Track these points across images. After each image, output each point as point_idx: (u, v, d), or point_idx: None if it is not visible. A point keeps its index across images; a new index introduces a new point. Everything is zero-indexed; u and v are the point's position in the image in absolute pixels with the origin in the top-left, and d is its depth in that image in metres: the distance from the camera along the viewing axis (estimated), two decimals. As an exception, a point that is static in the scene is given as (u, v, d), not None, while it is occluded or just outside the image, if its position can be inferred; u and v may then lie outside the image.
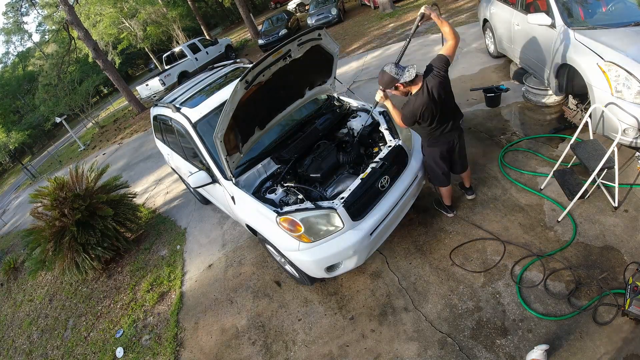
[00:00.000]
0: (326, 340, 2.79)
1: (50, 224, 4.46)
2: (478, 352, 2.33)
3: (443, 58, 2.52)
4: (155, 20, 20.50)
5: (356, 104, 3.70)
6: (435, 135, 2.80)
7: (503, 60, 5.59)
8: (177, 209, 5.60)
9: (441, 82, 2.52)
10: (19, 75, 29.21)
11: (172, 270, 4.29)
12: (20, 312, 5.23)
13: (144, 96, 13.83)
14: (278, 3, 28.55)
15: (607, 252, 2.61)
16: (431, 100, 2.53)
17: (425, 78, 2.54)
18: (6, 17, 21.31)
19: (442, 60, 2.52)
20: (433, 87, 2.51)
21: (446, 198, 3.26)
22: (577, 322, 2.28)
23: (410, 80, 2.49)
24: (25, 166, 15.41)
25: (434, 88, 2.51)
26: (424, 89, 2.52)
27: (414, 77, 2.48)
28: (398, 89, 2.59)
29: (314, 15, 14.06)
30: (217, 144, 2.65)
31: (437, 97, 2.53)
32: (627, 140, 2.97)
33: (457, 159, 3.04)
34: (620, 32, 3.15)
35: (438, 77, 2.51)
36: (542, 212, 3.08)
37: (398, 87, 2.56)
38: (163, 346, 3.38)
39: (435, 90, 2.51)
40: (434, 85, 2.51)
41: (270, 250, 3.32)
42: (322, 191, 2.99)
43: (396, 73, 2.48)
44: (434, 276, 2.90)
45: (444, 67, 2.52)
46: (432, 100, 2.53)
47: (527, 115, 4.29)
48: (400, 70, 2.49)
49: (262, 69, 2.56)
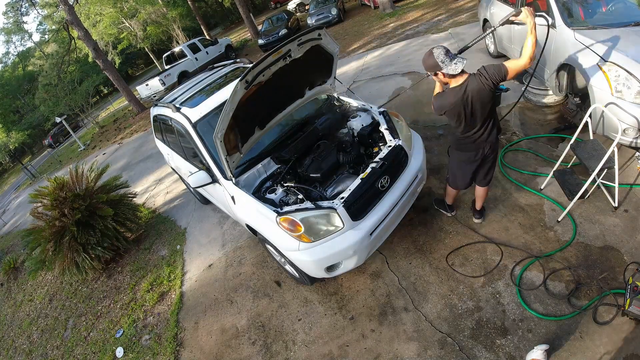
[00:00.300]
0: (326, 340, 2.79)
1: (50, 224, 4.46)
2: (478, 352, 2.33)
3: (502, 69, 2.24)
4: (155, 20, 20.53)
5: (356, 104, 3.70)
6: (464, 140, 2.62)
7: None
8: (177, 209, 5.60)
9: (482, 90, 2.29)
10: (19, 75, 29.23)
11: (172, 270, 4.29)
12: (20, 312, 5.23)
13: (144, 96, 13.83)
14: (278, 3, 28.55)
15: (607, 252, 2.61)
16: (463, 103, 2.34)
17: (469, 78, 2.32)
18: (6, 17, 21.31)
19: (499, 70, 2.24)
20: (471, 91, 2.30)
21: (450, 197, 3.21)
22: (577, 322, 2.28)
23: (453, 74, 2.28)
24: (25, 166, 15.43)
25: (471, 92, 2.30)
26: (462, 89, 2.32)
27: (458, 72, 2.27)
28: (437, 77, 2.39)
29: (314, 15, 14.06)
30: (217, 143, 2.65)
31: (471, 103, 2.34)
32: (627, 140, 2.97)
33: (482, 172, 2.83)
34: (620, 32, 3.15)
35: (482, 84, 2.28)
36: (542, 212, 3.08)
37: (438, 74, 2.35)
38: (163, 346, 3.38)
39: (472, 95, 2.31)
40: (473, 90, 2.30)
41: (270, 250, 3.31)
42: (322, 191, 2.99)
43: (442, 60, 2.25)
44: (434, 276, 2.90)
45: (495, 78, 2.25)
46: (464, 103, 2.34)
47: (527, 115, 4.29)
48: (447, 59, 2.25)
49: (262, 69, 2.56)
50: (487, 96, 2.34)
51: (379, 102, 5.77)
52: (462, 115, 2.43)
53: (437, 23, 8.81)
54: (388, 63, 7.58)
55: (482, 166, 2.77)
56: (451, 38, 7.41)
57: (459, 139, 2.66)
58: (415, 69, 6.64)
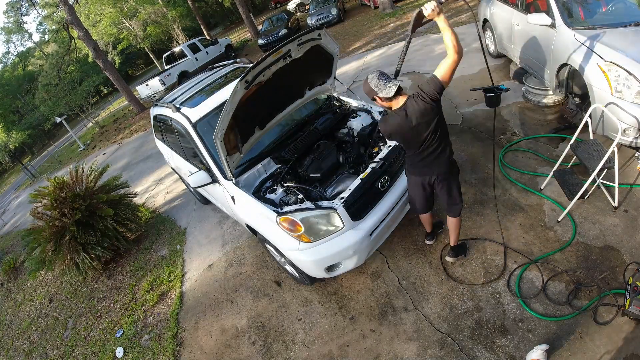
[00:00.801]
0: (326, 340, 2.79)
1: (50, 224, 4.46)
2: (478, 352, 2.33)
3: (435, 82, 2.06)
4: (155, 20, 20.53)
5: (356, 103, 3.70)
6: (414, 163, 2.47)
7: (503, 60, 5.59)
8: (177, 209, 5.60)
9: (425, 110, 2.12)
10: (19, 75, 29.22)
11: (172, 270, 4.29)
12: (20, 312, 5.23)
13: (144, 96, 13.83)
14: (278, 3, 28.55)
15: (607, 252, 2.61)
16: (405, 126, 2.20)
17: (408, 100, 2.18)
18: (7, 17, 21.32)
19: (433, 84, 2.07)
20: (413, 113, 2.15)
21: (424, 224, 3.01)
22: (577, 322, 2.28)
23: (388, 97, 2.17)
24: (25, 166, 15.42)
25: (413, 114, 2.15)
26: (403, 111, 2.18)
27: (392, 95, 2.15)
28: (376, 101, 2.29)
29: (314, 15, 14.06)
30: (217, 144, 2.65)
31: (415, 125, 2.18)
32: (627, 140, 2.97)
33: (442, 199, 2.62)
34: (620, 32, 3.15)
35: (422, 104, 2.11)
36: (542, 212, 3.08)
37: (376, 99, 2.26)
38: (163, 346, 3.38)
39: (414, 117, 2.15)
40: (414, 112, 2.14)
41: (270, 250, 3.32)
42: (322, 191, 2.99)
43: (375, 85, 2.17)
44: (434, 276, 2.90)
45: (433, 94, 2.08)
46: (407, 126, 2.20)
47: (527, 115, 4.29)
48: (381, 83, 2.16)
49: (262, 69, 2.56)
50: (433, 114, 2.17)
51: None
52: (408, 139, 2.29)
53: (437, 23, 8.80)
54: (388, 63, 7.59)
55: (439, 193, 2.57)
56: (451, 38, 7.41)
57: (409, 163, 2.52)
58: (415, 69, 6.65)
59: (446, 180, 2.48)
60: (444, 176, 2.46)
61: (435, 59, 6.73)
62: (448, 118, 4.62)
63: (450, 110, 4.80)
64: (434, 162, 2.38)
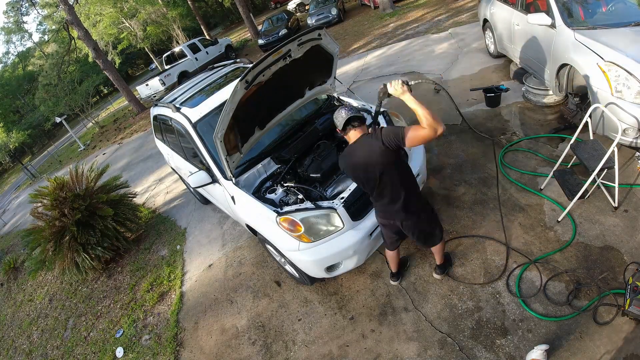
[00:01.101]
0: (326, 340, 2.79)
1: (50, 224, 4.46)
2: (478, 352, 2.33)
3: (399, 137, 1.88)
4: (155, 20, 20.52)
5: (356, 104, 3.70)
6: (375, 205, 2.32)
7: (503, 60, 5.59)
8: (177, 209, 5.60)
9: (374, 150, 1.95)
10: (19, 75, 29.22)
11: (172, 270, 4.29)
12: (20, 312, 5.23)
13: (144, 96, 13.84)
14: (278, 3, 28.55)
15: (607, 252, 2.61)
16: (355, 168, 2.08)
17: (364, 136, 2.04)
18: (7, 17, 21.32)
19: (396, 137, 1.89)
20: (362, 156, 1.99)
21: (390, 263, 2.84)
22: (577, 322, 2.28)
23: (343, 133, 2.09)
24: (25, 166, 15.41)
25: (363, 152, 1.99)
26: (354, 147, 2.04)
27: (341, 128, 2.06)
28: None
29: (314, 15, 14.07)
30: (217, 144, 2.65)
31: (364, 169, 2.04)
32: (627, 140, 2.97)
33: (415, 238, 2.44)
34: (620, 32, 3.15)
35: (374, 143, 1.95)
36: (542, 212, 3.08)
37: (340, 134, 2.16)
38: (163, 346, 3.38)
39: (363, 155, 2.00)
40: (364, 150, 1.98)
41: (270, 250, 3.32)
42: (322, 191, 2.99)
43: (335, 117, 2.12)
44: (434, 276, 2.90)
45: (390, 142, 1.90)
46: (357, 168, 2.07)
47: (527, 115, 4.29)
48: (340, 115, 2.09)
49: (262, 69, 2.56)
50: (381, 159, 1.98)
51: (379, 102, 5.76)
52: (361, 179, 2.15)
53: (437, 23, 8.82)
54: (388, 63, 7.59)
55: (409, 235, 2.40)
56: (451, 38, 7.42)
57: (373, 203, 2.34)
58: (415, 69, 6.64)
59: (414, 226, 2.32)
60: (409, 223, 2.28)
61: (435, 59, 6.73)
62: (448, 118, 4.64)
63: (450, 110, 4.79)
64: (396, 212, 2.21)
